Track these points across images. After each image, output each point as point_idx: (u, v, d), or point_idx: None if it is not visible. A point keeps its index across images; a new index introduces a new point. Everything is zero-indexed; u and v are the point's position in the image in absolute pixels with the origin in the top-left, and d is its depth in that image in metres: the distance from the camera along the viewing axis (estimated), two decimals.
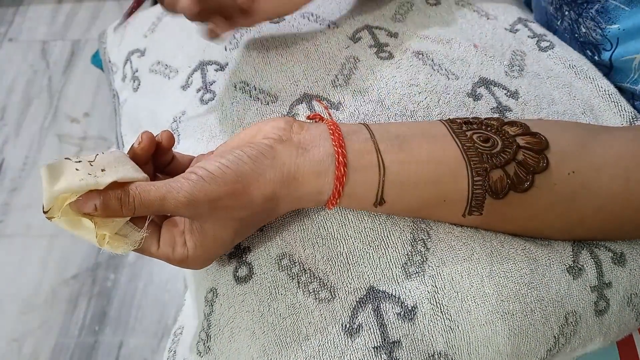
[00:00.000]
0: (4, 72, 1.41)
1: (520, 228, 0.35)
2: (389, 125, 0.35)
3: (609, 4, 0.41)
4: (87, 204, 0.29)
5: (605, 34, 0.42)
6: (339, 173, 0.32)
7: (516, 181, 0.33)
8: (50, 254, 1.09)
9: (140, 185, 0.30)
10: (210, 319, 0.37)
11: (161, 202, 0.30)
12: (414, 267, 0.34)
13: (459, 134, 0.34)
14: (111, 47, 0.62)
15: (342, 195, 0.33)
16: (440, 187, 0.33)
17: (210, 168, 0.30)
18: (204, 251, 0.33)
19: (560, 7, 0.46)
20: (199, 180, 0.30)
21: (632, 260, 0.37)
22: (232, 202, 0.31)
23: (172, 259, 0.33)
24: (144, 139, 0.33)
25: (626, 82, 0.44)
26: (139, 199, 0.29)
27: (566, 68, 0.45)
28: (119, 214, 0.30)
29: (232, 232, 0.33)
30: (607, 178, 0.34)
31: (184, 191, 0.29)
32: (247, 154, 0.31)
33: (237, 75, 0.45)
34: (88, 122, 1.29)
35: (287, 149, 0.32)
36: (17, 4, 1.56)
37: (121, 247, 0.31)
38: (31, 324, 1.00)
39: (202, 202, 0.30)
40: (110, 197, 0.29)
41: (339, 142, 0.33)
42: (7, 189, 1.20)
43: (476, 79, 0.44)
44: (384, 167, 0.32)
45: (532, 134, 0.34)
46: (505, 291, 0.34)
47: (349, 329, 0.33)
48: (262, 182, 0.31)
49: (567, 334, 0.35)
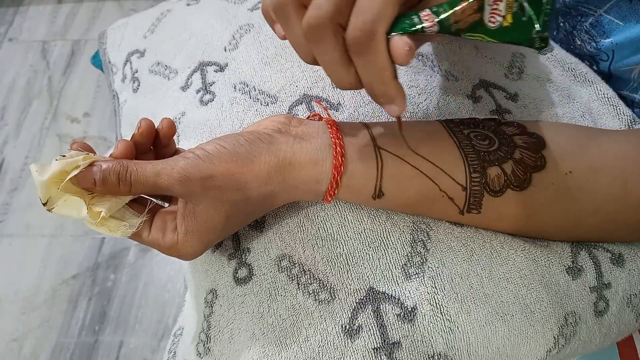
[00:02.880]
0: (4, 72, 1.41)
1: (518, 227, 0.36)
2: (387, 124, 0.35)
3: (603, 18, 0.41)
4: (86, 177, 0.30)
5: (599, 47, 0.43)
6: (337, 162, 0.32)
7: (514, 179, 0.33)
8: (50, 254, 1.09)
9: (138, 162, 0.31)
10: (210, 320, 0.37)
11: (155, 178, 0.30)
12: (414, 268, 0.35)
13: (456, 132, 0.34)
14: (111, 48, 0.62)
15: (340, 185, 0.33)
16: (439, 182, 0.33)
17: (208, 148, 0.31)
18: (194, 237, 0.33)
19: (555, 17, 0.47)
20: (194, 158, 0.31)
21: (630, 260, 0.37)
22: (225, 181, 0.31)
23: (162, 245, 0.33)
24: (142, 124, 0.34)
25: (625, 90, 0.44)
26: (136, 174, 0.30)
27: (565, 71, 0.45)
28: (117, 190, 0.31)
29: (223, 216, 0.32)
30: (604, 180, 0.34)
31: (178, 167, 0.30)
32: (245, 137, 0.32)
33: (237, 76, 0.45)
34: (88, 122, 1.29)
35: (284, 137, 0.33)
36: (17, 4, 1.56)
37: (119, 229, 0.32)
38: (31, 324, 1.00)
39: (195, 179, 0.30)
40: (109, 171, 0.30)
41: (336, 134, 0.33)
42: (7, 189, 1.20)
43: (476, 80, 0.44)
44: (382, 159, 0.33)
45: (530, 134, 0.34)
46: (504, 292, 0.34)
47: (348, 330, 0.33)
48: (256, 164, 0.31)
49: (566, 334, 0.35)
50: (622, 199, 0.34)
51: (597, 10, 0.42)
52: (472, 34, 0.28)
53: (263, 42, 0.46)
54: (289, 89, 0.43)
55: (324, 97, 0.42)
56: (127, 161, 0.31)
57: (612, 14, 0.41)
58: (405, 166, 0.33)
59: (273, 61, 0.45)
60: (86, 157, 0.30)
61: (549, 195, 0.34)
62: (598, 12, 0.41)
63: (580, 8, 0.43)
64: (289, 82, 0.43)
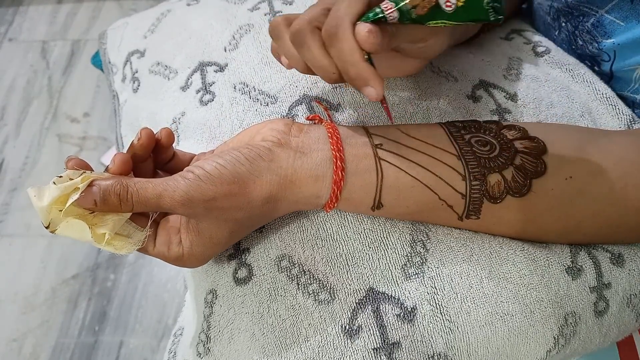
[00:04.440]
0: (4, 72, 1.41)
1: (517, 232, 0.36)
2: (388, 128, 0.35)
3: (605, 18, 0.41)
4: (87, 199, 0.30)
5: (601, 48, 0.42)
6: (337, 177, 0.32)
7: (513, 186, 0.33)
8: (50, 254, 1.09)
9: (139, 182, 0.30)
10: (210, 320, 0.37)
11: (157, 200, 0.30)
12: (414, 269, 0.35)
13: (457, 137, 0.34)
14: (111, 48, 0.62)
15: (339, 199, 0.33)
16: (438, 191, 0.33)
17: (208, 168, 0.31)
18: (199, 250, 0.33)
19: (557, 17, 0.46)
20: (195, 179, 0.30)
21: (630, 260, 0.37)
22: (228, 202, 0.31)
23: (168, 258, 0.33)
24: (142, 135, 0.33)
25: (626, 91, 0.44)
26: (137, 196, 0.30)
27: (563, 72, 0.45)
28: (118, 209, 0.30)
29: (227, 233, 0.33)
30: (604, 183, 0.34)
31: (180, 190, 0.30)
32: (245, 155, 0.32)
33: (237, 76, 0.45)
34: (88, 122, 1.29)
35: (285, 152, 0.32)
36: (17, 4, 1.56)
37: (125, 247, 0.32)
38: (31, 324, 1.00)
39: (197, 202, 0.30)
40: (109, 192, 0.30)
41: (337, 145, 0.33)
42: (7, 189, 1.20)
43: (476, 81, 0.44)
44: (382, 171, 0.32)
45: (531, 139, 0.34)
46: (504, 292, 0.34)
47: (348, 330, 0.33)
48: (258, 184, 0.31)
49: (566, 334, 0.35)
50: (622, 202, 0.34)
51: (599, 11, 0.41)
52: (434, 21, 0.31)
53: (263, 42, 0.46)
54: (289, 89, 0.43)
55: (323, 97, 0.42)
56: (126, 180, 0.30)
57: (614, 14, 0.41)
58: (405, 177, 0.33)
59: (273, 61, 0.45)
60: (84, 178, 0.30)
61: (548, 201, 0.33)
62: (599, 13, 0.41)
63: (581, 8, 0.43)
64: (289, 83, 0.43)
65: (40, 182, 1.20)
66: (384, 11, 0.30)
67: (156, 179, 0.31)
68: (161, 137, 0.35)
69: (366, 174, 0.33)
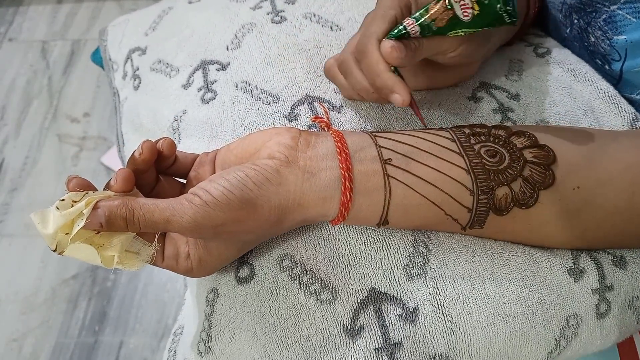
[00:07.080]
0: (4, 72, 1.41)
1: (520, 240, 0.36)
2: (397, 138, 0.34)
3: (616, 14, 0.40)
4: (92, 223, 0.29)
5: (613, 45, 0.42)
6: (345, 199, 0.32)
7: (521, 197, 0.32)
8: (50, 254, 1.08)
9: (145, 206, 0.30)
10: (212, 319, 0.37)
11: (165, 225, 0.30)
12: (416, 269, 0.34)
13: (466, 147, 0.33)
14: (112, 45, 0.61)
15: (346, 218, 0.33)
16: (445, 207, 0.33)
17: (215, 193, 0.30)
18: (208, 265, 0.34)
19: (569, 14, 0.46)
20: (202, 205, 0.29)
21: (633, 263, 0.37)
22: (236, 227, 0.31)
23: (177, 270, 0.34)
24: (144, 149, 0.33)
25: (635, 94, 0.44)
26: (144, 220, 0.29)
27: (565, 72, 0.45)
28: (124, 230, 0.30)
29: (235, 252, 0.34)
30: (612, 192, 0.33)
31: (187, 216, 0.29)
32: (253, 179, 0.31)
33: (239, 75, 0.45)
34: (88, 122, 1.29)
35: (293, 173, 0.32)
36: (17, 4, 1.56)
37: (135, 264, 0.32)
38: (31, 324, 1.00)
39: (206, 228, 0.30)
40: (115, 217, 0.29)
41: (346, 164, 0.32)
42: (7, 189, 1.20)
43: (476, 84, 0.44)
44: (390, 189, 0.32)
45: (540, 147, 0.33)
46: (506, 293, 0.34)
47: (350, 330, 0.33)
48: (267, 209, 0.31)
49: (568, 336, 0.35)
50: (629, 210, 0.33)
51: (610, 6, 0.41)
52: (454, 31, 0.34)
53: (266, 42, 0.46)
54: (291, 89, 0.43)
55: (326, 99, 0.42)
56: (132, 202, 0.30)
57: (625, 9, 0.40)
58: (414, 196, 0.32)
59: (276, 61, 0.45)
60: (88, 202, 0.29)
61: (554, 211, 0.33)
62: (611, 8, 0.41)
63: (594, 4, 0.42)
64: (292, 83, 0.43)
65: (41, 182, 1.19)
66: (407, 27, 0.34)
67: (161, 201, 0.30)
68: (163, 149, 0.34)
69: (374, 193, 0.32)
